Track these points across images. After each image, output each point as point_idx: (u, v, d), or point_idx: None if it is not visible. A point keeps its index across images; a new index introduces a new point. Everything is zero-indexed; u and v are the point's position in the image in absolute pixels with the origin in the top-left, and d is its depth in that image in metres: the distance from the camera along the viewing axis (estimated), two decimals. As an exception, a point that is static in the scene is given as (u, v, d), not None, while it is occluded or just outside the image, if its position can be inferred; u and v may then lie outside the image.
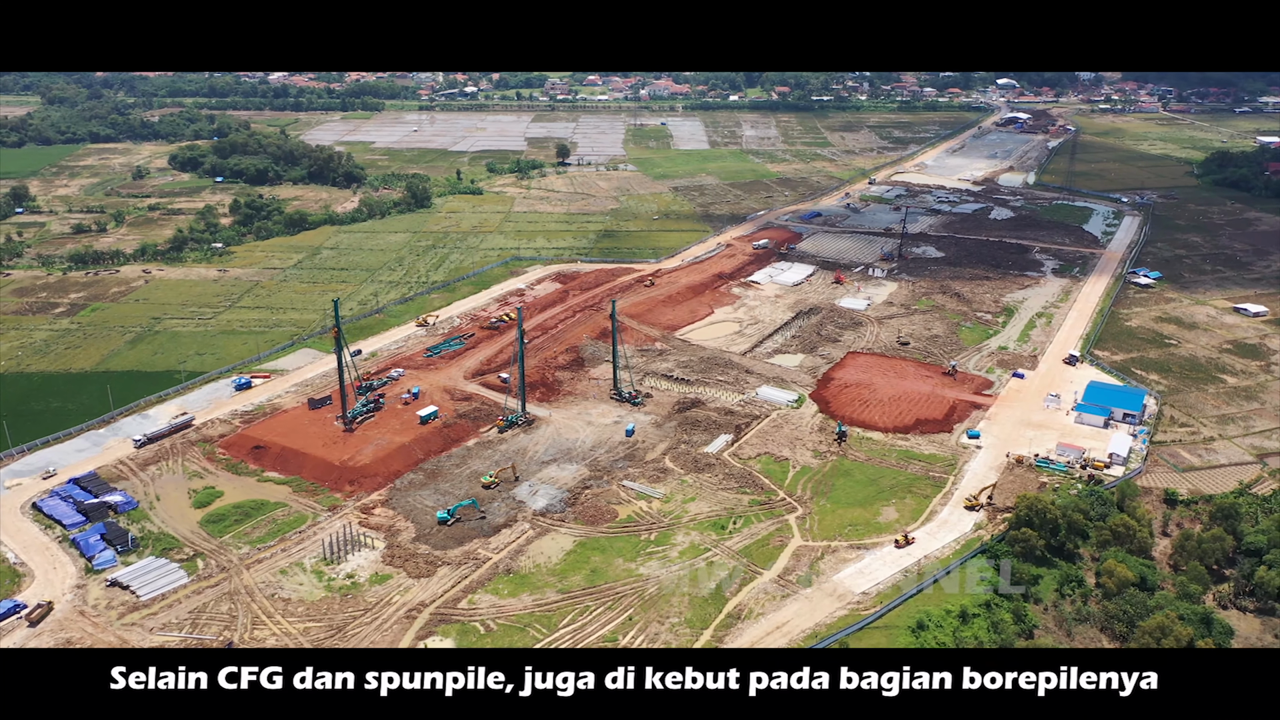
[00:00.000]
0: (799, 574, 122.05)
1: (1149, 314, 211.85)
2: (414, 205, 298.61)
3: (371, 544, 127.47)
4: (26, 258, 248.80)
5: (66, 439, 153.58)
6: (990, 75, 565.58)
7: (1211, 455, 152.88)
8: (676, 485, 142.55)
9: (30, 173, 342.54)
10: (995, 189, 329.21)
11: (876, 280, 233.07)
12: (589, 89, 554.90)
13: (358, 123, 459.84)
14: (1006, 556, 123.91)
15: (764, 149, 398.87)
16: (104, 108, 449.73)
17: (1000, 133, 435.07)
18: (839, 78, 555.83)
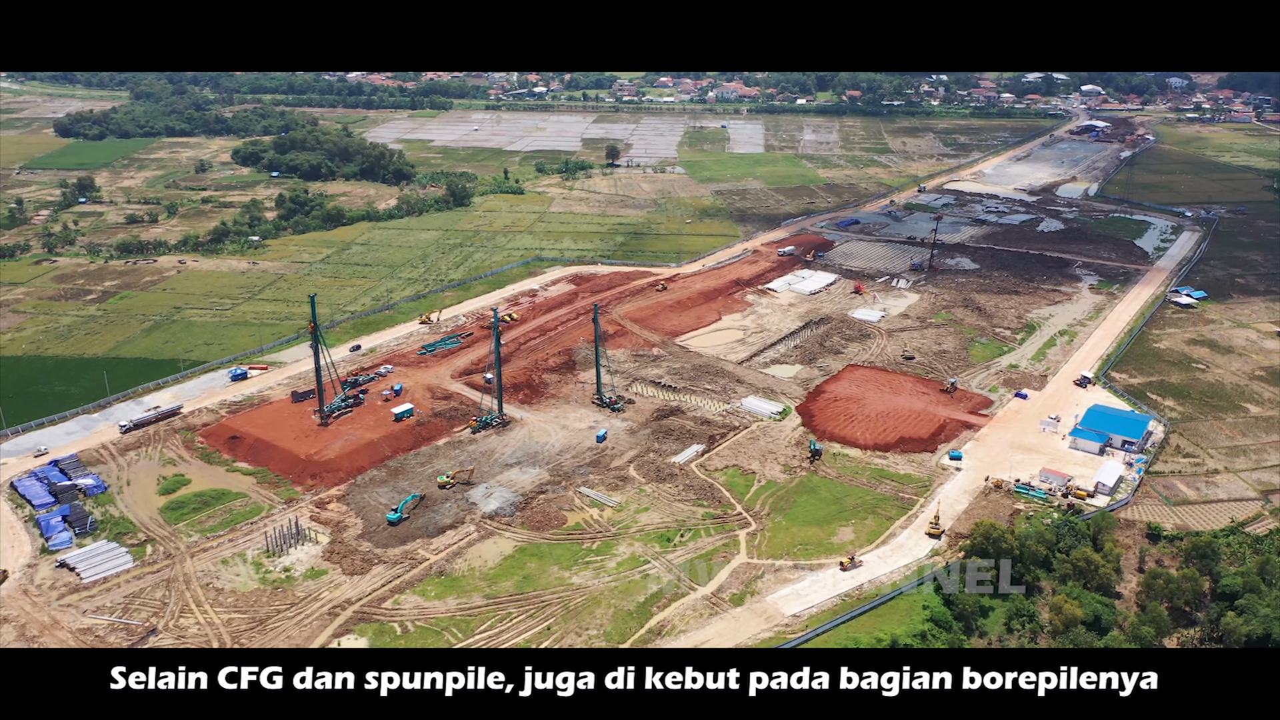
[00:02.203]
0: (733, 592, 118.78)
1: (1182, 336, 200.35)
2: (452, 203, 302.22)
3: (315, 538, 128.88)
4: (77, 246, 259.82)
5: (61, 421, 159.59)
6: (1075, 81, 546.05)
7: (1211, 489, 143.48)
8: (634, 494, 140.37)
9: (103, 164, 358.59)
10: (1051, 200, 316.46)
11: (898, 291, 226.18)
12: (658, 91, 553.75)
13: (422, 121, 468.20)
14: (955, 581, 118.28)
15: (820, 154, 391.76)
16: (183, 103, 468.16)
17: (1072, 141, 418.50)
18: (913, 81, 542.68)
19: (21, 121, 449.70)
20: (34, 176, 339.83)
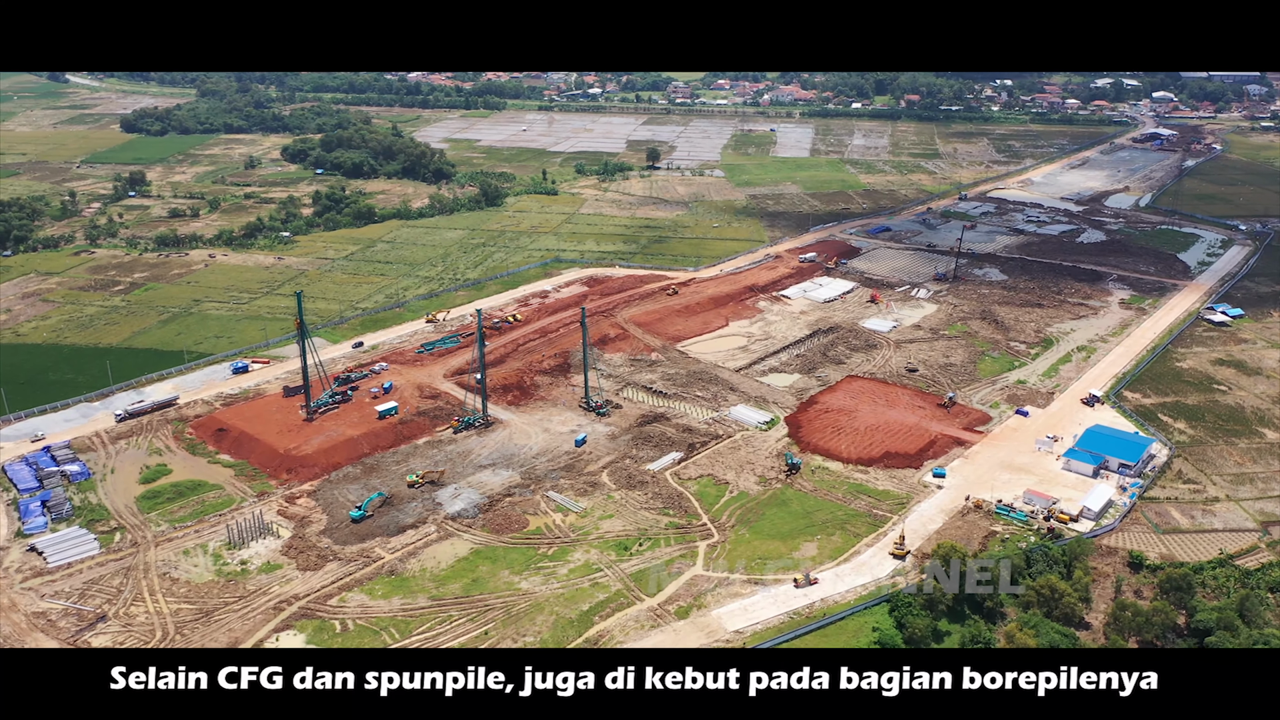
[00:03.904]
0: (680, 604, 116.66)
1: (1209, 355, 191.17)
2: (484, 203, 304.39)
3: (278, 532, 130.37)
4: (118, 238, 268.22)
5: (64, 409, 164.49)
6: (1147, 87, 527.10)
7: (1207, 518, 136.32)
8: (601, 500, 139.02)
9: (159, 159, 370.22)
10: (1098, 210, 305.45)
11: (916, 301, 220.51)
12: (713, 93, 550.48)
13: (474, 120, 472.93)
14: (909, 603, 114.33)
15: (865, 159, 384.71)
16: (243, 101, 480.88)
17: (1133, 149, 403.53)
18: (974, 86, 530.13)
19: (92, 117, 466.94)
20: (92, 170, 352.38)
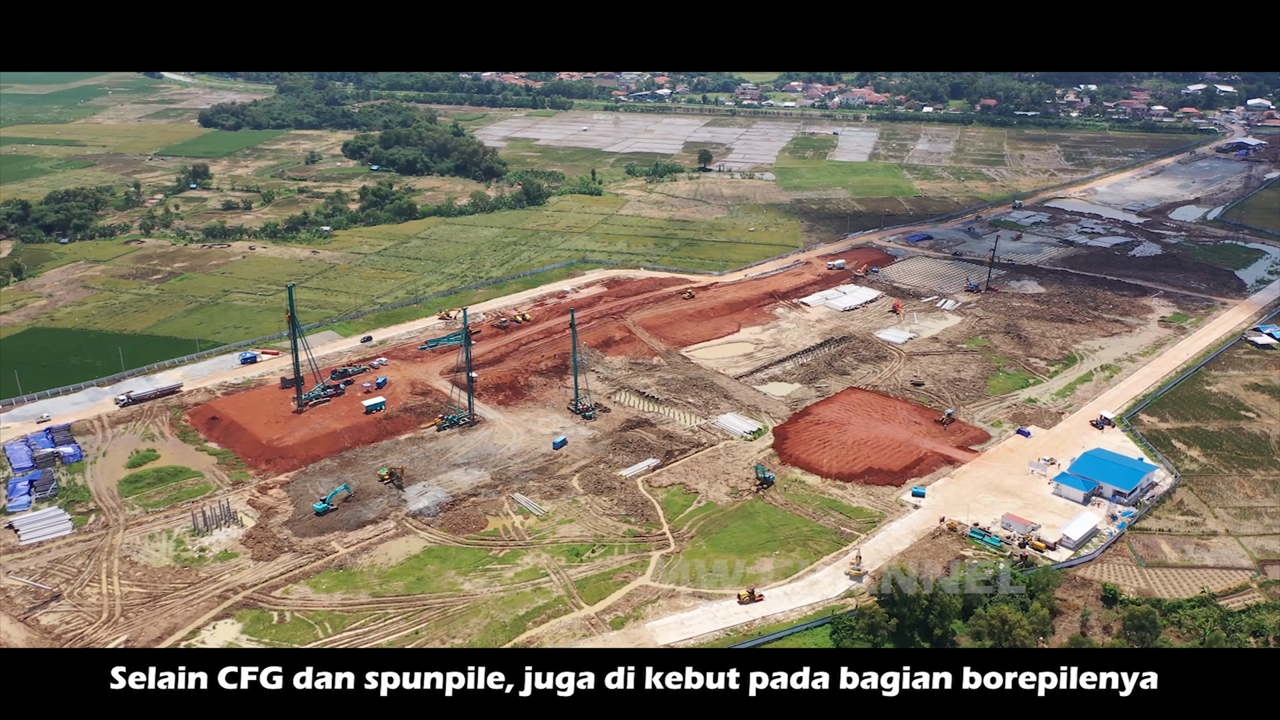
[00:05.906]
0: (618, 615, 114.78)
1: (1244, 379, 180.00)
2: (525, 202, 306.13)
3: (242, 521, 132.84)
4: (171, 229, 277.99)
5: (75, 392, 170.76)
6: (1241, 94, 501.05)
7: (1199, 553, 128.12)
8: (566, 504, 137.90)
9: (227, 153, 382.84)
10: (1160, 222, 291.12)
11: (940, 312, 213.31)
12: (783, 95, 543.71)
13: (537, 120, 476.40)
14: (850, 627, 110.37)
15: (925, 164, 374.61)
16: (316, 98, 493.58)
17: (1215, 159, 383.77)
18: (1055, 90, 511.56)
19: (175, 112, 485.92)
20: (162, 163, 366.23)
